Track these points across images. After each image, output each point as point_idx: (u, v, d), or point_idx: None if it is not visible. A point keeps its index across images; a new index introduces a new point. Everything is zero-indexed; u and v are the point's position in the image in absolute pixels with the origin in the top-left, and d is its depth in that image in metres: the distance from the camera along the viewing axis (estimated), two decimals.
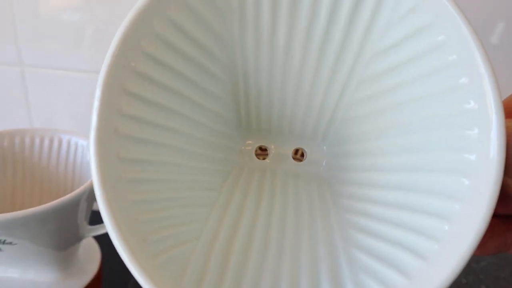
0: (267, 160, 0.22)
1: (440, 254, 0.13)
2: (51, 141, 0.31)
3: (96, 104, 0.14)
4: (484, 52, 0.14)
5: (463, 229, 0.13)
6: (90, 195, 0.26)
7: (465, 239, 0.13)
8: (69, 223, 0.26)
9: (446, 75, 0.15)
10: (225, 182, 0.21)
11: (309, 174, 0.22)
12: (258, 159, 0.23)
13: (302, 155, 0.23)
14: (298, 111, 0.21)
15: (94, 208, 0.29)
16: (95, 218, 0.30)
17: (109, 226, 0.14)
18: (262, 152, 0.23)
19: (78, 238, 0.28)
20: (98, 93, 0.14)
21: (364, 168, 0.19)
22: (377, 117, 0.19)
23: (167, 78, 0.17)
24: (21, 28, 0.39)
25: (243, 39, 0.19)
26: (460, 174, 0.14)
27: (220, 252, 0.17)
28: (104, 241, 0.32)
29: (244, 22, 0.18)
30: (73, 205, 0.24)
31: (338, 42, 0.18)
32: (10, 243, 0.24)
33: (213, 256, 0.17)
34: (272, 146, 0.23)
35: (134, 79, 0.16)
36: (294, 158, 0.23)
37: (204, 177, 0.20)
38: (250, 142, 0.23)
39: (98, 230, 0.29)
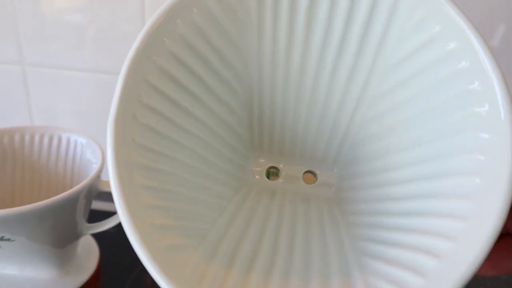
0: (279, 180, 0.22)
1: (455, 252, 0.13)
2: (51, 138, 0.31)
3: (119, 85, 0.15)
4: (492, 57, 0.14)
5: (478, 226, 0.13)
6: (89, 193, 0.26)
7: (480, 236, 0.13)
8: (67, 221, 0.26)
9: (457, 82, 0.15)
10: (235, 196, 0.21)
11: (319, 196, 0.22)
12: (268, 180, 0.23)
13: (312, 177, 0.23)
14: (310, 131, 0.21)
15: (93, 207, 0.29)
16: (94, 217, 0.30)
17: (117, 201, 0.14)
18: (273, 173, 0.23)
19: (76, 236, 0.28)
20: (121, 76, 0.15)
21: (376, 184, 0.19)
22: (390, 134, 0.19)
23: (186, 78, 0.18)
24: (23, 28, 0.39)
25: (260, 52, 0.19)
26: (473, 174, 0.14)
27: (225, 254, 0.17)
28: (103, 239, 0.32)
29: (262, 34, 0.19)
30: (71, 202, 0.24)
31: (352, 56, 0.18)
32: (8, 239, 0.24)
33: (218, 256, 0.17)
34: (283, 167, 0.23)
35: (156, 73, 0.16)
36: (304, 180, 0.22)
37: (215, 186, 0.20)
38: (262, 161, 0.23)
39: (97, 228, 0.29)
